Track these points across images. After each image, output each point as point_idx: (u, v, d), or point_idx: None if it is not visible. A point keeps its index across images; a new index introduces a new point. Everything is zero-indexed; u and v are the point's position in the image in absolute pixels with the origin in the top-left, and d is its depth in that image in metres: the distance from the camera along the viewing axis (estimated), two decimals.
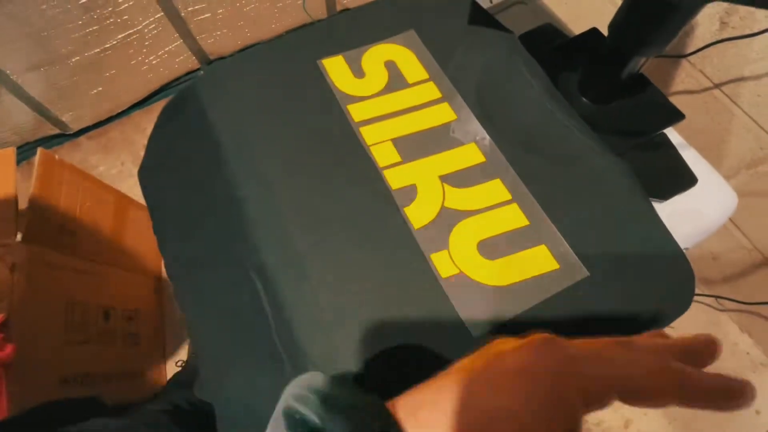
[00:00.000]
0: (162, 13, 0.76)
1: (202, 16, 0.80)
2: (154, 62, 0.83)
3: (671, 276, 0.27)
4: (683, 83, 0.87)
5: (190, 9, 0.78)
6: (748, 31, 0.65)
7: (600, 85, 0.35)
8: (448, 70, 0.33)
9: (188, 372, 0.57)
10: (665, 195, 0.36)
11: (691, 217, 0.37)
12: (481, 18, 0.34)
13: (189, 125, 0.33)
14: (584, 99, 0.36)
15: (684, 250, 0.39)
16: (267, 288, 0.27)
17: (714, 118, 0.85)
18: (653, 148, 0.37)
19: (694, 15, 0.27)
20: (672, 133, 0.40)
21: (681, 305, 0.27)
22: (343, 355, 0.24)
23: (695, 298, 0.99)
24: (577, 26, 0.44)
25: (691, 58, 0.82)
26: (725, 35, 0.71)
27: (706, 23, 0.76)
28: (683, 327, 0.92)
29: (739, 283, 0.95)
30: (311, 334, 0.25)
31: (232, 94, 0.33)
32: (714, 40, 0.68)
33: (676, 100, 0.88)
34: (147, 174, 0.34)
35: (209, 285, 0.30)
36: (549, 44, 0.40)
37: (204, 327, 0.30)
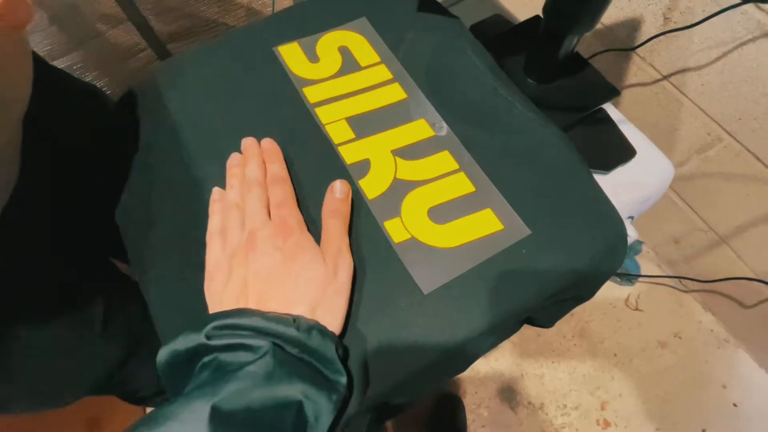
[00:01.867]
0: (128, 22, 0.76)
1: (172, 25, 0.81)
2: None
3: (606, 234, 0.29)
4: (636, 76, 0.92)
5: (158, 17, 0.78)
6: (688, 23, 0.69)
7: (541, 66, 0.37)
8: (398, 53, 0.34)
9: None
10: (608, 166, 0.39)
11: (633, 186, 0.40)
12: (430, 6, 0.37)
13: (147, 115, 0.34)
14: (529, 80, 0.38)
15: (630, 218, 0.42)
16: None
17: (665, 108, 0.90)
18: (595, 124, 0.40)
19: None
20: (613, 111, 0.43)
21: (615, 261, 0.29)
22: None
23: (660, 279, 1.04)
24: (524, 15, 0.47)
25: (640, 52, 0.87)
26: (668, 28, 0.75)
27: (650, 18, 0.81)
28: (650, 307, 0.96)
29: (699, 263, 1.00)
30: None
31: (189, 81, 0.34)
32: (657, 33, 0.72)
33: (630, 93, 0.93)
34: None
35: (171, 266, 0.30)
36: (498, 33, 0.42)
37: (165, 311, 0.31)
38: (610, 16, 0.88)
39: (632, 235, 0.40)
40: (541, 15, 0.33)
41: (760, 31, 0.68)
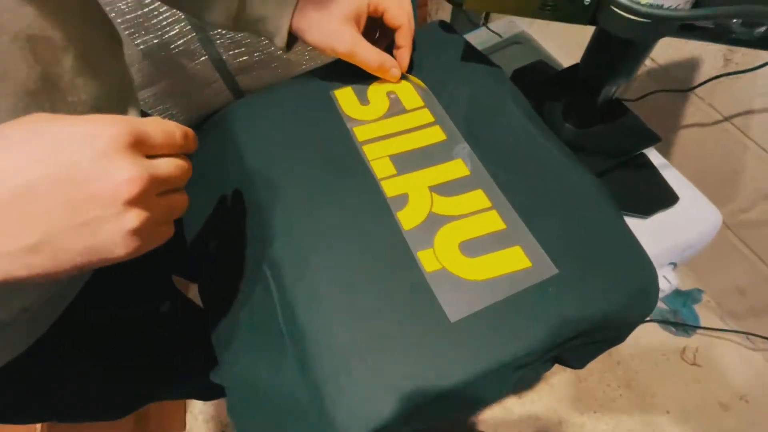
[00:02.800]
0: (206, 57, 0.87)
1: (242, 59, 0.92)
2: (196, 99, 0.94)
3: (635, 278, 0.29)
4: (694, 117, 0.89)
5: (230, 53, 0.89)
6: (750, 66, 0.67)
7: (579, 112, 0.39)
8: (441, 98, 0.38)
9: None
10: (647, 211, 0.39)
11: (675, 232, 0.39)
12: (472, 54, 0.40)
13: (221, 146, 0.39)
14: (567, 125, 0.40)
15: (672, 265, 0.41)
16: (276, 279, 0.32)
17: (728, 150, 0.86)
18: (636, 168, 0.41)
19: (649, 50, 0.32)
20: (656, 156, 0.43)
21: (645, 306, 0.29)
22: (336, 334, 0.28)
23: (721, 334, 0.95)
24: (568, 62, 0.49)
25: (699, 92, 0.85)
26: (729, 70, 0.73)
27: (710, 59, 0.79)
28: (711, 364, 0.88)
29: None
30: (310, 315, 0.29)
31: (259, 120, 0.39)
32: (718, 74, 0.71)
33: (688, 133, 0.90)
34: None
35: (230, 277, 0.35)
36: (540, 78, 0.45)
37: (223, 316, 0.35)
38: (665, 56, 0.87)
39: (673, 282, 0.39)
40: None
41: None
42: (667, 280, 0.40)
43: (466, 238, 0.31)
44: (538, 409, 0.99)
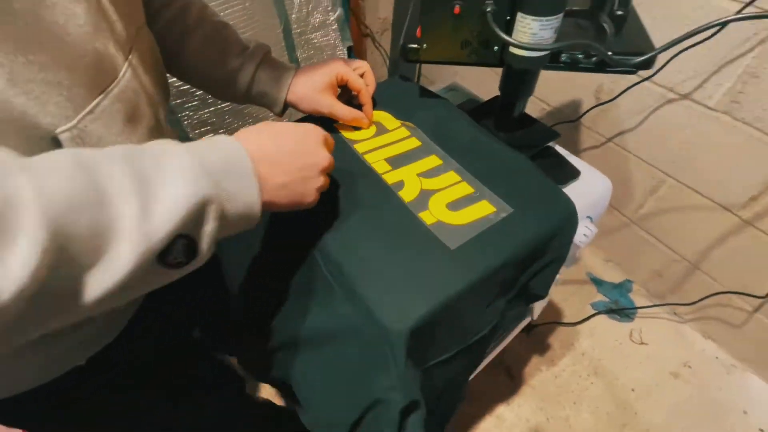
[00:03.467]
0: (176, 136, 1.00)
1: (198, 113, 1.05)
2: None
3: (562, 210, 0.45)
4: (587, 142, 1.16)
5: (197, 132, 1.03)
6: (610, 98, 0.95)
7: (504, 123, 0.58)
8: (412, 120, 0.55)
9: None
10: (562, 182, 0.57)
11: (584, 194, 0.57)
12: (426, 92, 0.58)
13: None
14: (498, 132, 0.58)
15: (589, 218, 0.58)
16: (324, 257, 0.43)
17: (617, 163, 1.12)
18: (549, 157, 0.59)
19: (537, 74, 0.51)
20: (564, 151, 0.62)
21: (572, 226, 0.45)
22: (372, 268, 0.40)
23: (654, 311, 1.14)
24: (486, 97, 0.69)
25: (585, 122, 1.13)
26: (601, 100, 1.01)
27: (586, 96, 1.08)
28: (654, 340, 1.06)
29: (683, 290, 1.13)
30: (350, 260, 0.41)
31: None
32: (590, 107, 0.98)
33: (588, 155, 1.16)
34: None
35: (284, 265, 0.45)
36: (473, 108, 0.64)
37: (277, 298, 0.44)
38: (557, 100, 1.16)
39: (593, 230, 0.56)
40: (499, 93, 0.55)
41: (664, 99, 0.93)
42: (589, 228, 0.56)
43: (449, 200, 0.46)
44: (525, 411, 1.07)
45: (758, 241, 0.92)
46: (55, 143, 0.28)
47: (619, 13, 0.53)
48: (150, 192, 0.25)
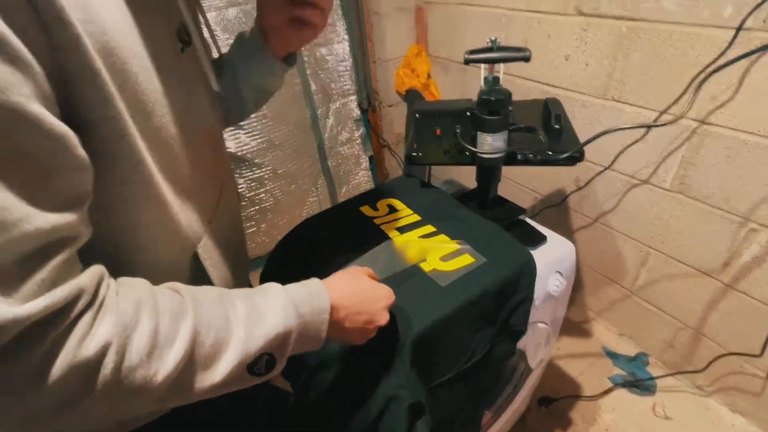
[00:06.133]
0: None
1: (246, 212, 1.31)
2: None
3: (523, 258, 0.63)
4: (577, 222, 1.35)
5: None
6: (583, 186, 1.17)
7: (483, 203, 0.79)
8: (413, 204, 0.77)
9: None
10: (534, 246, 0.75)
11: (550, 254, 0.75)
12: (426, 184, 0.82)
13: (297, 243, 0.74)
14: (479, 210, 0.80)
15: (558, 273, 0.75)
16: None
17: (605, 240, 1.29)
18: (522, 227, 0.79)
19: (500, 169, 0.74)
20: (534, 223, 0.82)
21: (531, 272, 0.62)
22: None
23: (677, 385, 1.19)
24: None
25: (572, 206, 1.33)
26: (580, 185, 1.23)
27: (568, 184, 1.30)
28: (679, 415, 1.14)
29: (694, 358, 1.18)
30: None
31: (320, 230, 0.75)
32: (570, 192, 1.20)
33: (579, 233, 1.35)
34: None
35: None
36: (462, 194, 0.87)
37: None
38: (544, 189, 1.39)
39: (561, 282, 0.72)
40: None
41: (629, 184, 1.14)
42: (558, 281, 0.72)
43: (441, 255, 0.65)
44: None
45: (743, 301, 1.02)
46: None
47: (557, 126, 0.78)
48: (255, 321, 0.36)
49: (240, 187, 1.54)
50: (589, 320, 1.47)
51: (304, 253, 0.71)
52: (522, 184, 1.48)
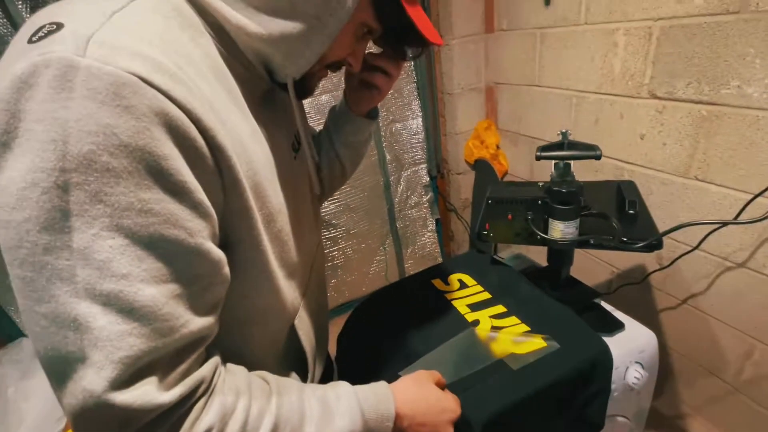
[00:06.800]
0: None
1: None
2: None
3: (597, 349, 0.63)
4: (662, 303, 1.26)
5: None
6: (670, 263, 1.11)
7: (554, 284, 0.80)
8: (484, 282, 0.81)
9: None
10: (610, 333, 0.74)
11: (629, 341, 0.72)
12: (496, 262, 0.86)
13: (371, 312, 0.80)
14: (551, 291, 0.81)
15: (639, 364, 0.72)
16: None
17: (694, 324, 1.18)
18: (597, 311, 0.78)
19: (572, 252, 0.76)
20: (610, 308, 0.81)
21: (606, 364, 0.62)
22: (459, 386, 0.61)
23: None
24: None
25: (655, 284, 1.25)
26: (663, 264, 1.16)
27: (649, 261, 1.23)
28: None
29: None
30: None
31: (398, 296, 0.81)
32: (653, 270, 1.14)
33: (664, 315, 1.25)
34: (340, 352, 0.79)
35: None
36: (532, 271, 0.89)
37: None
38: (622, 264, 1.33)
39: (643, 374, 0.70)
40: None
41: (723, 267, 1.06)
42: (639, 372, 0.69)
43: (514, 336, 0.67)
44: None
45: None
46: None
47: (631, 212, 0.79)
48: (326, 422, 0.40)
49: None
50: (683, 416, 1.30)
51: (379, 321, 0.78)
52: (598, 257, 1.43)
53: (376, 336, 0.75)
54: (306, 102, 1.50)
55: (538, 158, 0.69)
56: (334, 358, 0.79)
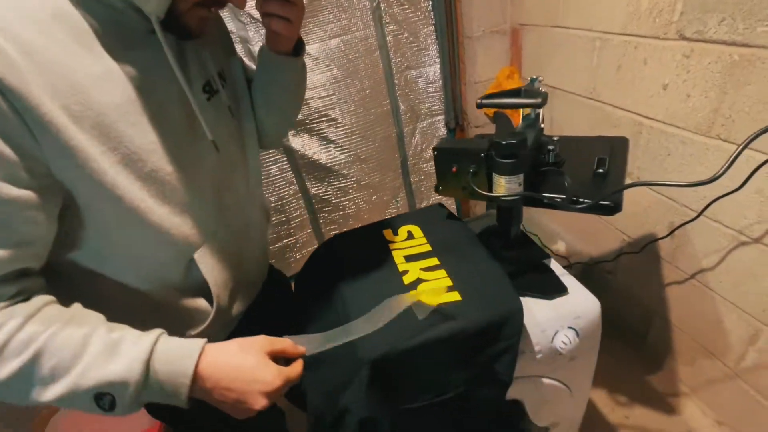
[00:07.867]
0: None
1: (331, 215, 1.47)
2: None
3: (511, 305, 0.62)
4: (669, 276, 1.16)
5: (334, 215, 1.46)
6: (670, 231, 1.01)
7: (505, 242, 0.78)
8: (431, 235, 0.81)
9: None
10: (549, 296, 0.71)
11: (567, 306, 0.70)
12: (452, 217, 0.84)
13: (324, 259, 0.84)
14: (502, 249, 0.78)
15: (573, 329, 0.70)
16: (342, 302, 0.69)
17: (701, 303, 1.07)
18: (544, 273, 0.75)
19: (519, 212, 0.72)
20: (558, 268, 0.77)
21: (516, 322, 0.61)
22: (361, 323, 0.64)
23: None
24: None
25: (665, 256, 1.15)
26: (674, 235, 1.06)
27: (660, 229, 1.12)
28: None
29: None
30: (355, 312, 0.65)
31: (350, 244, 0.84)
32: (657, 238, 1.04)
33: (670, 289, 1.16)
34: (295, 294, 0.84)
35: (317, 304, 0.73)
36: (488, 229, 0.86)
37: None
38: (633, 232, 1.22)
39: (572, 338, 0.67)
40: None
41: (737, 241, 0.94)
42: (568, 337, 0.67)
43: (431, 287, 0.68)
44: None
45: None
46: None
47: (600, 170, 0.72)
48: (103, 361, 0.41)
49: (326, 194, 1.74)
50: (679, 394, 1.23)
51: (329, 270, 0.81)
52: (609, 222, 1.32)
53: (318, 285, 0.78)
54: (314, 48, 1.48)
55: (478, 106, 0.64)
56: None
